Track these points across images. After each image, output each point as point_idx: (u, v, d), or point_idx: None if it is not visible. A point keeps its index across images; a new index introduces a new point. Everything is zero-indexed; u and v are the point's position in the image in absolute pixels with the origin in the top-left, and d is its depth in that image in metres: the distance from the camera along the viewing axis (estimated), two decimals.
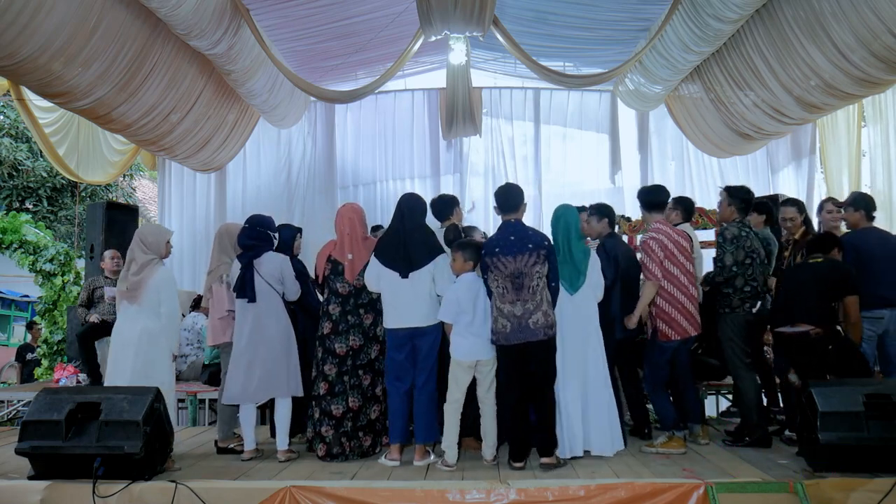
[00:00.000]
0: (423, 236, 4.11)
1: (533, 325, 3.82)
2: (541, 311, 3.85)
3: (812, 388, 3.58)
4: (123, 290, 4.12)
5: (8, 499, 3.48)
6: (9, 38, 4.79)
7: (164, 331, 4.12)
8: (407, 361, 4.04)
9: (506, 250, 3.91)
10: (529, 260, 3.87)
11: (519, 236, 3.95)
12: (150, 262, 4.15)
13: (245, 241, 4.32)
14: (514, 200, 4.10)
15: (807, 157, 9.17)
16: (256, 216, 4.49)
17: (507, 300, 3.88)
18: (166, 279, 4.18)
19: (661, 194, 4.52)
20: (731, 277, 4.26)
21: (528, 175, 9.60)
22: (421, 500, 3.39)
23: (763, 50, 6.68)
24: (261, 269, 4.23)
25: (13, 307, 13.78)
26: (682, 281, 4.24)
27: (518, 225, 4.04)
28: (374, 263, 4.09)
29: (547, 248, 3.94)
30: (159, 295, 4.10)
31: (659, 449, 4.15)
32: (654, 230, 4.33)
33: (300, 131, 9.77)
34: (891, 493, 3.25)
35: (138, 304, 4.08)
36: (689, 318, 4.23)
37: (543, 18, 7.84)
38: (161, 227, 4.48)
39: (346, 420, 4.16)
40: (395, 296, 4.04)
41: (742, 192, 4.51)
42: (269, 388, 4.18)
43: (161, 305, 4.10)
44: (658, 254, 4.20)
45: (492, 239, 4.08)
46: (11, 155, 13.05)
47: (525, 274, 3.86)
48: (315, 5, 7.09)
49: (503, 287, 3.90)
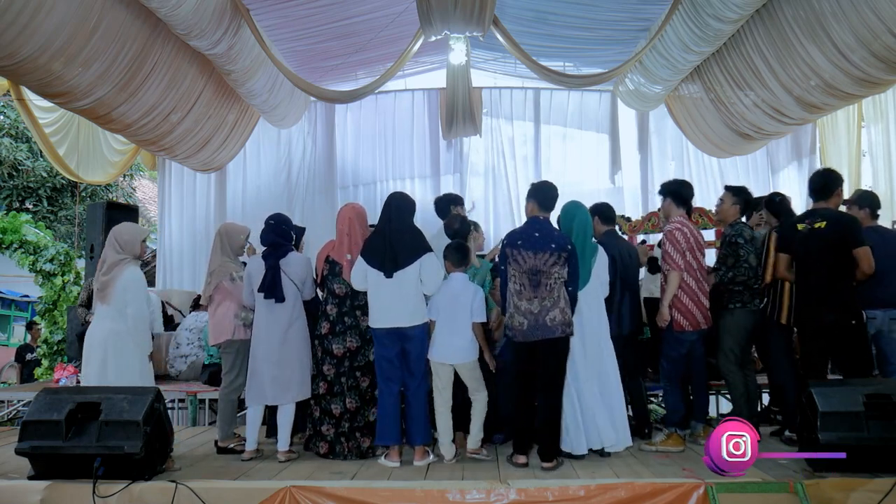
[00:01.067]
0: (410, 236, 4.08)
1: (550, 322, 3.82)
2: (558, 308, 3.84)
3: (812, 388, 3.57)
4: (96, 289, 4.07)
5: (8, 499, 3.48)
6: (9, 38, 4.79)
7: (132, 332, 4.02)
8: (397, 360, 4.03)
9: (528, 245, 3.90)
10: (549, 259, 3.87)
11: (543, 234, 3.95)
12: (121, 262, 4.06)
13: (273, 239, 4.28)
14: (552, 199, 4.12)
15: (807, 157, 9.19)
16: (279, 214, 4.45)
17: (524, 297, 3.87)
18: (134, 279, 4.08)
19: (690, 190, 4.54)
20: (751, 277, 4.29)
21: (528, 175, 9.58)
22: (421, 500, 3.39)
23: (763, 50, 6.68)
24: (287, 269, 4.21)
25: (13, 307, 13.79)
26: (699, 274, 4.27)
27: (546, 223, 4.04)
28: (360, 263, 4.08)
29: (570, 251, 3.93)
30: (125, 295, 4.01)
31: (658, 447, 4.16)
32: (678, 222, 4.34)
33: (300, 131, 9.77)
34: (891, 493, 3.25)
35: (108, 305, 4.01)
36: (703, 311, 4.26)
37: (543, 18, 7.84)
38: (137, 227, 4.40)
39: (343, 421, 4.16)
40: (379, 295, 4.03)
41: (745, 193, 4.57)
42: (289, 391, 4.16)
43: (127, 306, 4.00)
44: (682, 244, 4.22)
45: (516, 231, 4.08)
46: (11, 155, 13.06)
47: (543, 272, 3.86)
48: (315, 5, 7.09)
49: (521, 283, 3.89)
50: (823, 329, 4.02)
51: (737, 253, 4.32)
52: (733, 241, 4.36)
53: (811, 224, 4.09)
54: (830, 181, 4.23)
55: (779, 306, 4.43)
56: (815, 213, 4.15)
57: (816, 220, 4.08)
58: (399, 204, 4.18)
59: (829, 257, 3.99)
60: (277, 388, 4.15)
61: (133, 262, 4.14)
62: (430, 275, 4.01)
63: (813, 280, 4.05)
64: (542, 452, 3.86)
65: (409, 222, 4.14)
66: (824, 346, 4.07)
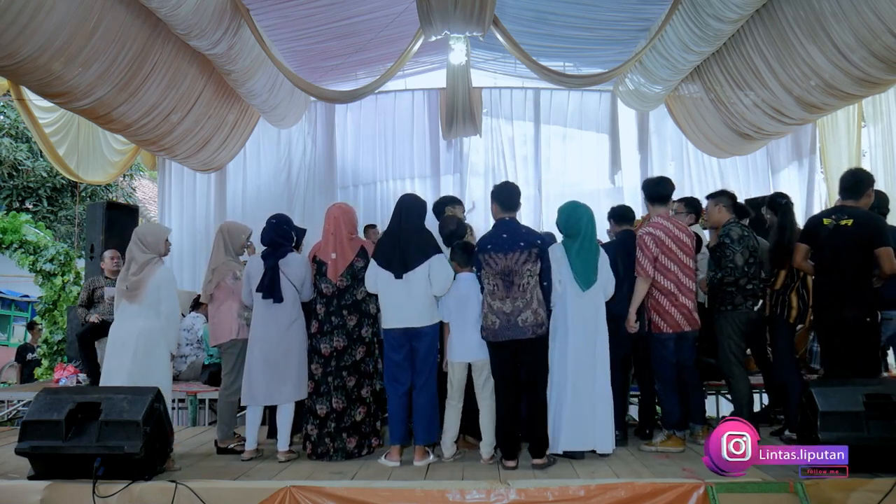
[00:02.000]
0: (420, 237, 4.09)
1: (522, 323, 3.84)
2: (530, 310, 3.86)
3: (812, 388, 3.58)
4: (123, 289, 4.10)
5: (8, 499, 3.48)
6: (9, 38, 4.79)
7: (163, 331, 4.07)
8: (405, 362, 4.04)
9: (497, 247, 3.93)
10: (520, 258, 3.88)
11: (511, 234, 3.97)
12: (150, 262, 4.11)
13: (273, 238, 4.28)
14: (514, 199, 4.14)
15: (807, 158, 9.19)
16: (280, 214, 4.46)
17: (497, 297, 3.91)
18: (167, 278, 4.14)
19: (664, 186, 4.47)
20: (739, 277, 4.26)
21: (528, 175, 9.60)
22: (421, 500, 3.39)
23: (763, 50, 6.68)
24: (286, 270, 4.22)
25: (13, 307, 13.80)
26: (678, 276, 4.23)
27: (512, 223, 4.06)
28: (373, 266, 4.10)
29: (539, 246, 3.95)
30: (159, 293, 4.06)
31: (658, 448, 4.16)
32: (652, 224, 4.32)
33: (300, 131, 9.77)
34: (891, 493, 3.25)
35: (138, 304, 4.05)
36: (684, 312, 4.22)
37: (543, 18, 7.84)
38: (159, 226, 4.46)
39: (329, 420, 4.16)
40: (390, 296, 4.04)
41: (724, 193, 4.60)
42: (286, 392, 4.17)
43: (161, 304, 4.06)
44: (651, 249, 4.20)
45: (485, 236, 4.10)
46: (11, 155, 13.06)
47: (515, 272, 3.88)
48: (315, 5, 7.09)
49: (494, 284, 3.93)
50: (843, 326, 4.00)
51: (724, 253, 4.31)
52: (720, 241, 4.36)
53: (837, 220, 4.06)
54: (861, 180, 4.18)
55: (788, 306, 4.42)
56: (843, 210, 4.11)
57: (843, 217, 4.05)
58: (409, 205, 4.18)
59: (855, 255, 3.98)
60: (272, 389, 4.15)
61: (160, 261, 4.19)
62: (439, 276, 4.02)
63: (835, 276, 4.04)
64: (532, 449, 3.89)
65: (419, 224, 4.14)
66: (841, 343, 4.04)
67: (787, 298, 4.42)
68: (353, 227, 4.37)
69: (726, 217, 4.48)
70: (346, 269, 4.19)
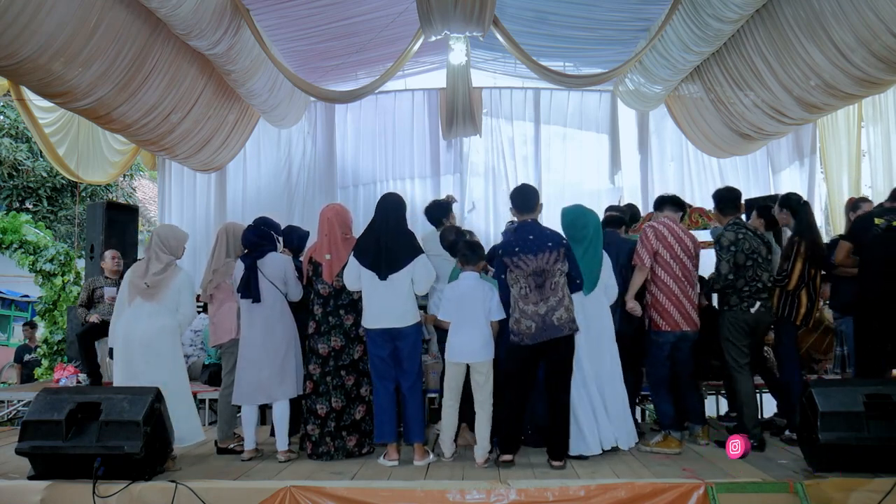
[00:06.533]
0: (403, 237, 4.10)
1: (557, 321, 3.84)
2: (563, 307, 3.88)
3: (812, 388, 3.58)
4: (143, 286, 4.13)
5: (8, 499, 3.48)
6: (9, 38, 4.78)
7: (178, 331, 4.26)
8: (390, 359, 4.05)
9: (526, 249, 3.92)
10: (551, 257, 3.89)
11: (537, 235, 3.98)
12: (171, 264, 4.24)
13: (252, 239, 4.34)
14: (531, 201, 4.14)
15: (807, 158, 9.18)
16: (264, 217, 4.54)
17: (530, 301, 3.89)
18: (188, 283, 4.29)
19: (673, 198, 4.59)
20: (727, 285, 4.26)
21: (528, 175, 9.57)
22: (421, 500, 3.39)
23: (763, 50, 6.68)
24: (264, 270, 4.24)
25: (13, 307, 13.79)
26: (678, 275, 4.27)
27: (535, 225, 4.08)
28: (353, 264, 4.08)
29: (565, 245, 3.98)
30: (179, 297, 4.19)
31: (653, 448, 4.17)
32: (657, 221, 4.39)
33: (300, 131, 9.76)
34: (891, 493, 3.25)
35: (156, 303, 4.11)
36: (683, 312, 4.25)
37: (543, 18, 7.84)
38: (179, 230, 4.56)
39: (329, 420, 4.17)
40: (372, 296, 4.05)
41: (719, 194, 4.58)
42: (273, 390, 4.20)
43: (180, 307, 4.20)
44: (651, 241, 4.25)
45: (510, 240, 4.09)
46: (11, 155, 13.05)
47: (547, 272, 3.89)
48: (315, 5, 7.09)
49: (525, 287, 3.91)
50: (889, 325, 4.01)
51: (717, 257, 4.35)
52: (714, 248, 4.41)
53: (889, 221, 4.12)
54: None
55: (797, 305, 4.43)
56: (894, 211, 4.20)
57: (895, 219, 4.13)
58: (393, 205, 4.19)
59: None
60: (259, 388, 4.18)
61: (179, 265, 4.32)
62: (423, 276, 4.07)
63: (889, 270, 4.05)
64: (553, 451, 3.88)
65: (403, 225, 4.16)
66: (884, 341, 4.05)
67: (796, 298, 4.43)
68: (348, 228, 4.37)
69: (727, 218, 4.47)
70: (341, 270, 4.19)
